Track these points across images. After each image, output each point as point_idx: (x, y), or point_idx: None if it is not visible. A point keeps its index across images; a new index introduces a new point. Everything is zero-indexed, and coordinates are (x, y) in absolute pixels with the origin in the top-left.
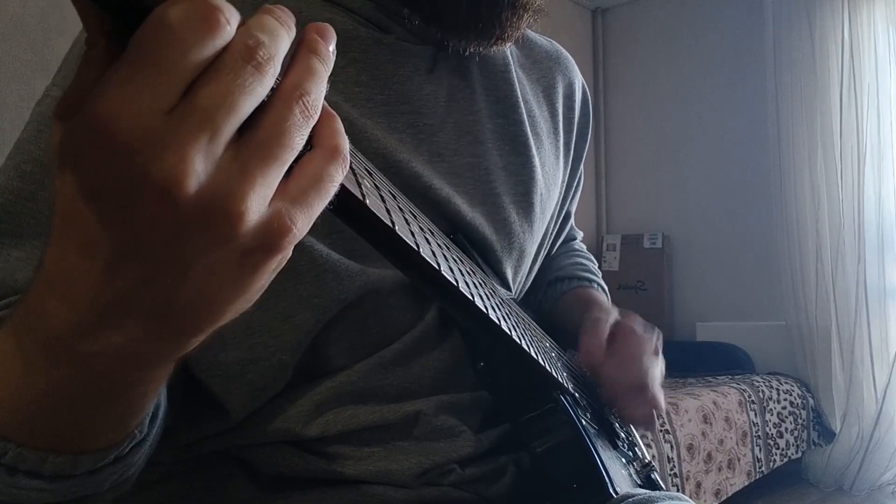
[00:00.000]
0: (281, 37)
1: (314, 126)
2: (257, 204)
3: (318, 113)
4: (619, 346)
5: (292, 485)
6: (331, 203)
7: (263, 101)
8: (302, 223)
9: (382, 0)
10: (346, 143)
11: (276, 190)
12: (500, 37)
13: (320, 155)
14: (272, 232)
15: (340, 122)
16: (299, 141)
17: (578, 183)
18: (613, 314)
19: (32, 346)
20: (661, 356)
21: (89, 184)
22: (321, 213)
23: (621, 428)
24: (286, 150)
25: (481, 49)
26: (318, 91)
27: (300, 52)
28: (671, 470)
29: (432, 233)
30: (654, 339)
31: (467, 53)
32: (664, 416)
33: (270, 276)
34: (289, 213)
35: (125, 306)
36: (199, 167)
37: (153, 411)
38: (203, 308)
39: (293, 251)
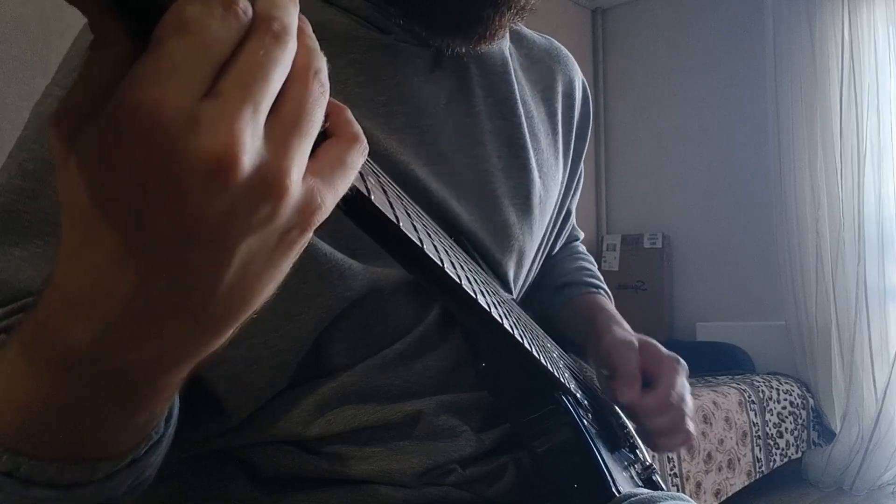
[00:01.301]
0: (291, 8)
1: (331, 119)
2: (298, 178)
3: (329, 88)
4: (654, 376)
5: (293, 485)
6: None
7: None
8: (329, 201)
9: (379, 0)
10: (362, 132)
11: (306, 168)
12: (484, 35)
13: (340, 141)
14: (306, 209)
15: (350, 112)
16: (320, 115)
17: (578, 181)
18: (630, 332)
19: (49, 364)
20: (687, 383)
21: (129, 182)
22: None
23: (622, 429)
24: (313, 124)
25: (464, 49)
26: (325, 67)
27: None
28: (671, 470)
29: (435, 231)
30: (683, 367)
31: (451, 53)
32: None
33: (293, 260)
34: (319, 190)
35: (161, 314)
36: (248, 142)
37: (168, 411)
38: (238, 299)
39: None
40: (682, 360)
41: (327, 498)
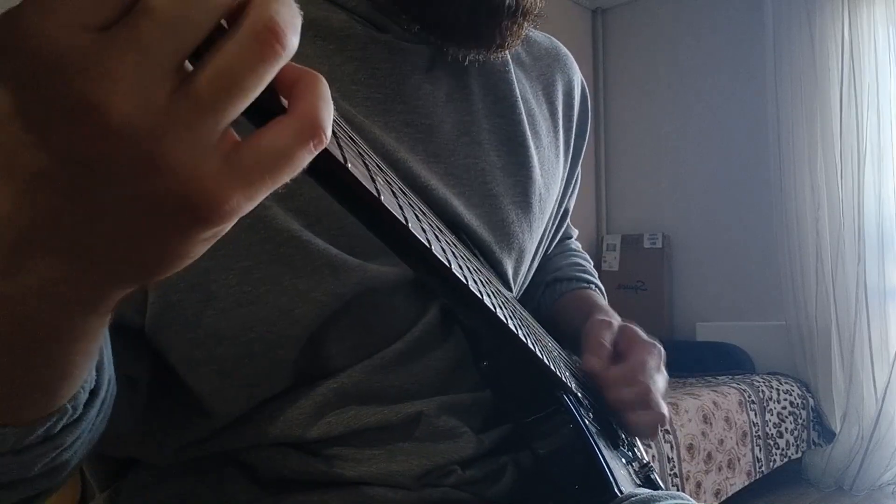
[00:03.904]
0: None
1: (294, 90)
2: (184, 150)
3: (291, 48)
4: (625, 353)
5: (292, 487)
6: (345, 198)
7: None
8: (238, 202)
9: (391, 7)
10: (326, 117)
11: (219, 147)
12: (501, 45)
13: (291, 125)
14: (198, 196)
15: (327, 87)
16: (251, 83)
17: (576, 180)
18: (616, 319)
19: None
20: (663, 369)
21: (14, 101)
22: (331, 209)
23: (621, 427)
24: (239, 93)
25: (480, 57)
26: (293, 23)
27: None
28: (671, 470)
29: (441, 230)
30: (658, 350)
31: (467, 62)
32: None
33: (203, 246)
34: (226, 182)
35: (43, 238)
36: (126, 87)
37: (91, 391)
38: (125, 252)
39: (290, 246)
40: (660, 346)
41: (326, 500)
